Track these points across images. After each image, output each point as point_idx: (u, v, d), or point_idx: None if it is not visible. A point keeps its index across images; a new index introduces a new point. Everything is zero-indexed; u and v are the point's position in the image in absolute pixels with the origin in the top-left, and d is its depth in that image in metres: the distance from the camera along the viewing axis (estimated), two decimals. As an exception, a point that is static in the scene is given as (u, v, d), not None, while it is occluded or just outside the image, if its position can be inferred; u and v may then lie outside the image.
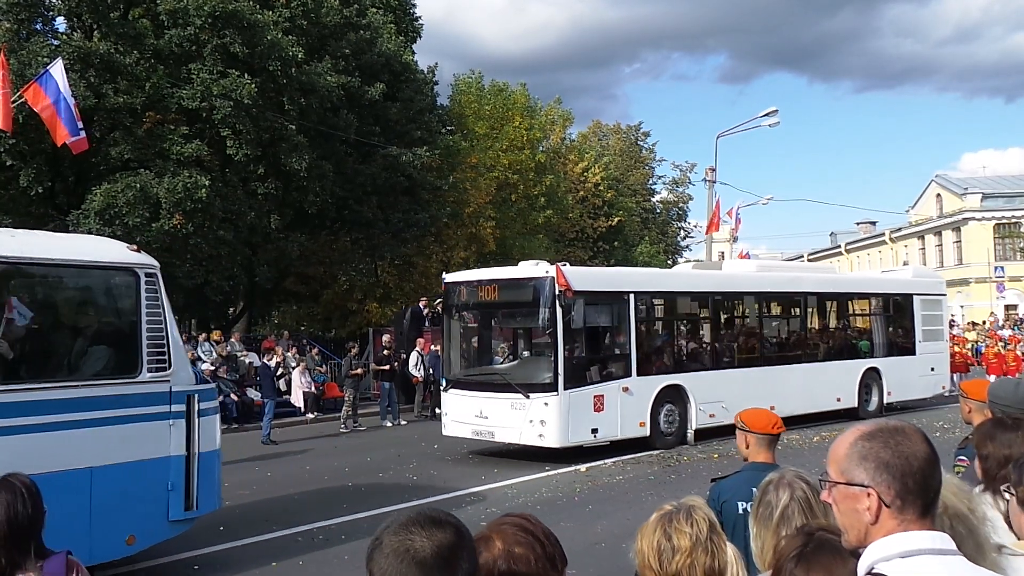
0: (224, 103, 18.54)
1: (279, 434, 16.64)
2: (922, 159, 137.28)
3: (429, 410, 18.95)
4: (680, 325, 16.14)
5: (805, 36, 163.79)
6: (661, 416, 14.17)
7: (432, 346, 19.24)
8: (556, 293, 12.66)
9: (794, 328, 17.72)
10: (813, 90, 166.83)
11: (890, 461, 1.71)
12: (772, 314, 17.77)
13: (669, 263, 42.22)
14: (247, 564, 7.96)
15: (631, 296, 14.00)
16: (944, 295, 20.60)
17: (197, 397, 7.36)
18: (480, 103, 31.30)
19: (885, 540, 1.70)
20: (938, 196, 52.27)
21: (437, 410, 16.71)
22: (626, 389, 13.64)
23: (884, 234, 58.99)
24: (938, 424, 15.50)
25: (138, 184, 17.63)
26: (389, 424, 18.37)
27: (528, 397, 12.80)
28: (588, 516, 9.58)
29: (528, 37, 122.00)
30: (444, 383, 14.47)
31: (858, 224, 68.22)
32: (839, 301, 18.31)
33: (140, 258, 7.23)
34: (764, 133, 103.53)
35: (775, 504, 2.59)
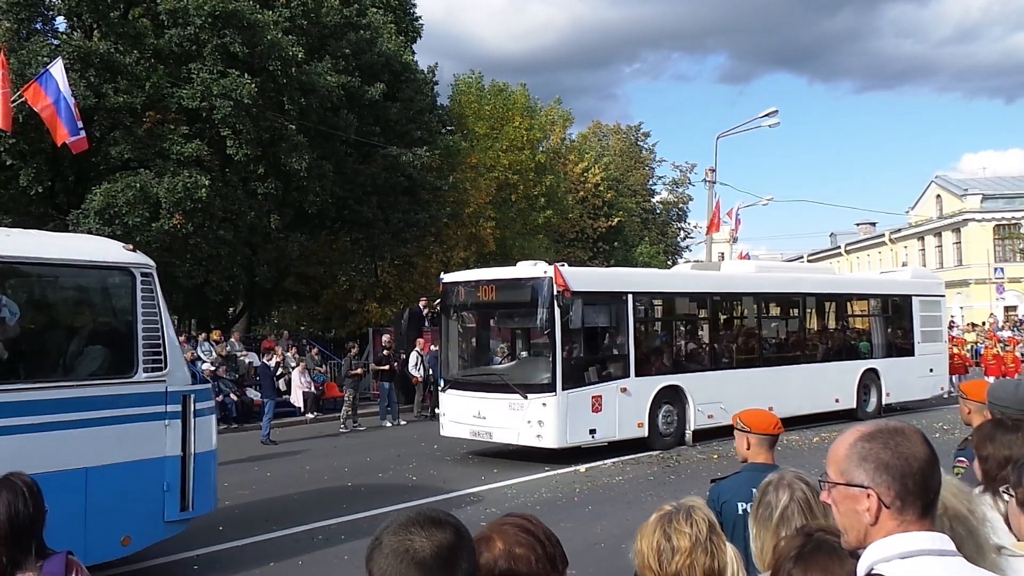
0: (224, 103, 18.55)
1: (279, 434, 16.64)
2: (922, 160, 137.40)
3: (429, 410, 18.94)
4: (678, 326, 16.15)
5: (805, 36, 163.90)
6: (659, 417, 14.16)
7: (432, 346, 19.24)
8: (554, 293, 12.64)
9: (793, 329, 17.73)
10: (813, 90, 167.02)
11: (890, 462, 1.72)
12: (771, 315, 17.78)
13: (669, 264, 42.23)
14: (247, 564, 7.96)
15: (629, 296, 13.99)
16: (943, 296, 20.62)
17: (193, 397, 7.33)
18: (480, 103, 31.30)
19: (885, 541, 1.71)
20: (938, 197, 52.28)
21: (437, 410, 16.70)
22: (624, 390, 13.63)
23: (884, 235, 58.95)
24: (937, 425, 15.50)
25: (138, 184, 17.64)
26: (389, 424, 18.37)
27: (526, 398, 12.79)
28: (588, 516, 9.58)
29: (528, 37, 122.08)
30: (442, 383, 14.48)
31: (858, 225, 68.18)
32: (837, 302, 18.31)
33: (136, 257, 7.20)
34: (764, 133, 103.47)
35: (775, 505, 2.60)
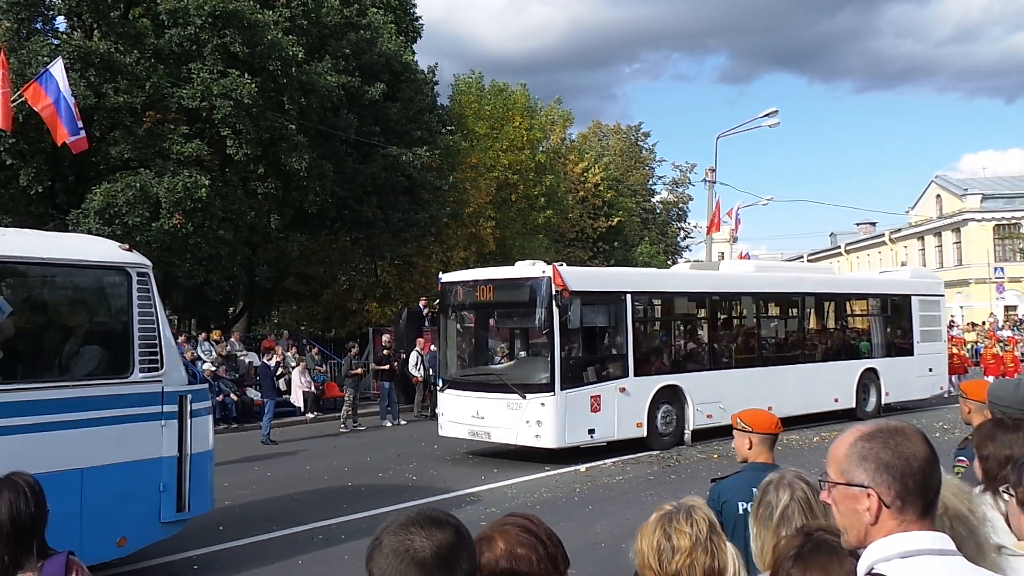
0: (224, 103, 18.54)
1: (279, 434, 16.64)
2: (922, 159, 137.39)
3: (429, 410, 18.92)
4: (677, 325, 16.14)
5: (805, 36, 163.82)
6: (658, 417, 14.15)
7: (432, 346, 19.24)
8: (553, 293, 12.62)
9: (792, 328, 17.72)
10: (813, 90, 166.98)
11: (890, 462, 1.72)
12: (770, 314, 17.76)
13: (669, 263, 42.20)
14: (246, 564, 7.95)
15: (628, 296, 13.97)
16: (942, 296, 20.61)
17: (190, 397, 7.30)
18: (480, 103, 31.30)
19: (885, 540, 1.71)
20: (938, 197, 52.29)
21: (437, 410, 16.70)
22: (623, 389, 13.62)
23: (884, 235, 58.98)
24: (938, 425, 15.50)
25: (138, 184, 17.63)
26: (389, 424, 18.37)
27: (525, 397, 12.77)
28: (588, 516, 9.58)
29: (528, 37, 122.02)
30: (440, 383, 14.47)
31: (858, 225, 68.18)
32: (837, 302, 18.31)
33: (132, 257, 7.17)
34: (764, 133, 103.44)
35: (775, 504, 2.60)
